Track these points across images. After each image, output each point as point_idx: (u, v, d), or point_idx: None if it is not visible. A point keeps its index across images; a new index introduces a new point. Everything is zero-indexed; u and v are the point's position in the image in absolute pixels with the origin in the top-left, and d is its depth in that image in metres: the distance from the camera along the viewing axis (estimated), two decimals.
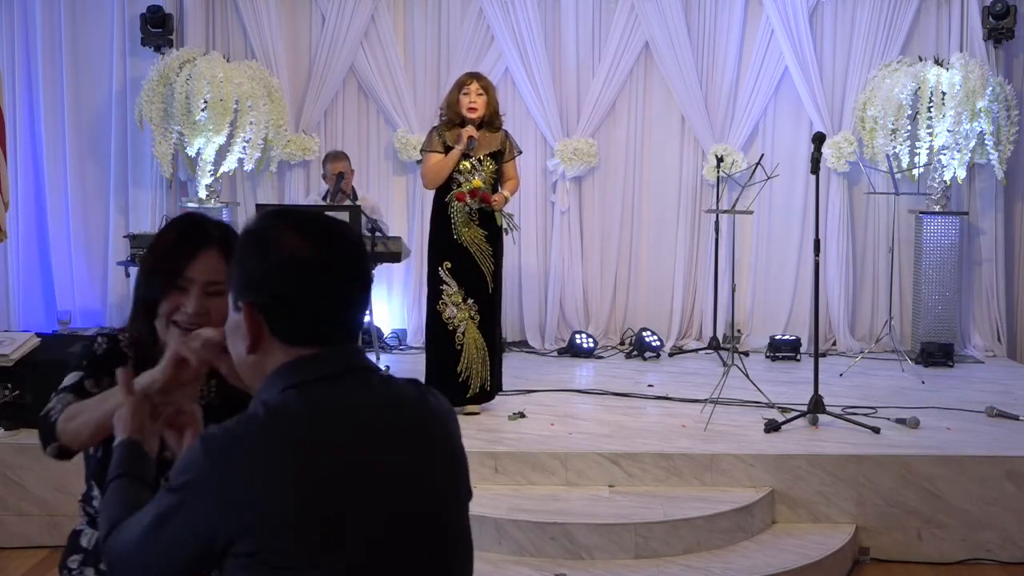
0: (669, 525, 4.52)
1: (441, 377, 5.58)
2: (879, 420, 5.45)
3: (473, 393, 5.61)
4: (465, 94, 5.61)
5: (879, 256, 7.81)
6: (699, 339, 7.84)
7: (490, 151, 5.66)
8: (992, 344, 7.70)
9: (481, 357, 5.61)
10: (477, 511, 4.53)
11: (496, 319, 5.77)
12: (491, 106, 5.66)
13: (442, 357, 5.62)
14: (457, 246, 5.60)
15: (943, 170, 7.36)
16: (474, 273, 5.60)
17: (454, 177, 5.59)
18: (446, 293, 5.60)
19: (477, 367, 5.61)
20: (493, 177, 5.67)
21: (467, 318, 5.59)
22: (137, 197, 7.76)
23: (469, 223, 5.59)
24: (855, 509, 4.84)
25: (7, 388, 5.19)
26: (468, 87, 5.62)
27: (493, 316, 5.70)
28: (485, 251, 5.63)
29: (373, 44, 7.80)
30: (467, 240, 5.59)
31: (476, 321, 5.60)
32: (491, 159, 5.66)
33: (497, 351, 5.77)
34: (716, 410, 5.53)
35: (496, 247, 5.68)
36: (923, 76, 7.21)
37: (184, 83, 7.08)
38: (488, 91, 5.67)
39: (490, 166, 5.65)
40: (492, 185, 5.66)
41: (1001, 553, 4.84)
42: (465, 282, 5.60)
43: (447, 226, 5.60)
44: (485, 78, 5.79)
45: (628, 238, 7.95)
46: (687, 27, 7.74)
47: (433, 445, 1.66)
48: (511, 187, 5.76)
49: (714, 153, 7.64)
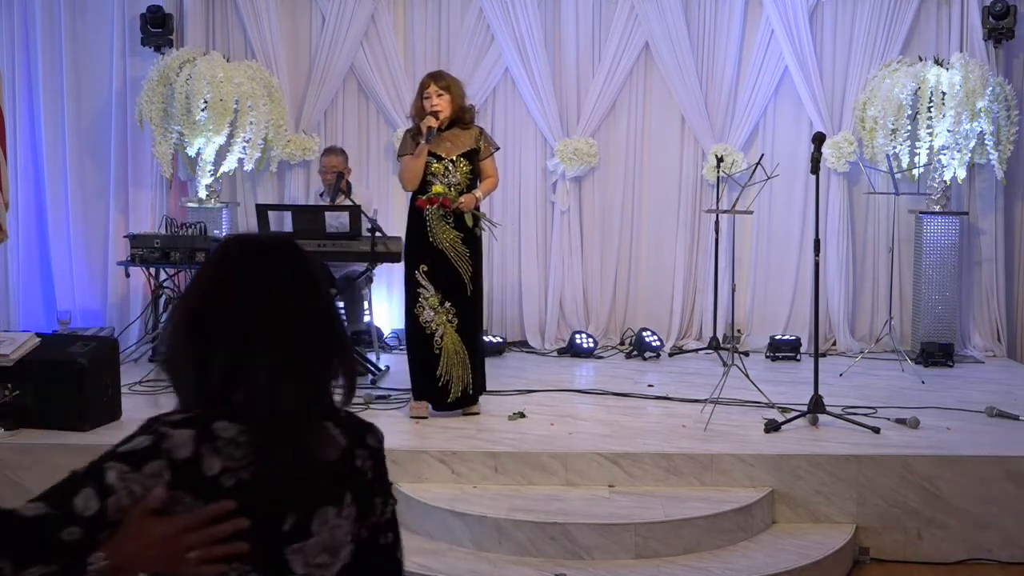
0: (669, 525, 4.52)
1: (423, 381, 5.57)
2: (879, 420, 5.45)
3: (455, 397, 5.56)
4: (426, 97, 5.46)
5: (879, 256, 7.81)
6: (699, 339, 7.84)
7: (463, 151, 5.52)
8: (992, 344, 7.70)
9: (461, 361, 5.54)
10: (477, 511, 4.55)
11: (477, 321, 5.67)
12: (455, 103, 5.49)
13: (421, 362, 5.55)
14: (433, 248, 5.49)
15: (943, 170, 7.36)
16: (451, 275, 5.50)
17: (428, 180, 5.47)
18: (423, 296, 5.51)
19: (457, 371, 5.54)
20: (469, 177, 5.52)
21: (444, 322, 5.50)
22: (137, 197, 7.77)
23: (444, 225, 5.48)
24: (855, 509, 4.84)
25: (7, 388, 5.18)
26: (427, 89, 5.47)
27: (473, 319, 5.61)
28: (462, 253, 5.52)
29: (373, 44, 7.80)
30: (442, 242, 5.49)
31: (454, 325, 5.52)
32: (465, 159, 5.51)
33: (479, 354, 5.67)
34: (716, 410, 5.53)
35: (473, 248, 5.56)
36: (923, 76, 7.21)
37: (184, 83, 7.09)
38: (449, 89, 5.48)
39: (464, 166, 5.50)
40: (468, 185, 5.52)
41: (1001, 553, 4.84)
42: (442, 285, 5.50)
43: (422, 228, 5.49)
44: (445, 77, 5.58)
45: (628, 238, 7.95)
46: (687, 27, 7.74)
47: None
48: (487, 186, 5.62)
49: (714, 153, 7.64)
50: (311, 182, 7.79)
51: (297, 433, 1.65)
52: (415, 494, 4.75)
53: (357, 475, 1.72)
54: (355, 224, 6.38)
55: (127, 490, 1.58)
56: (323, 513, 1.67)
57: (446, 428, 5.40)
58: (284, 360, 1.64)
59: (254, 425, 1.63)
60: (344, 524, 1.69)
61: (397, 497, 1.86)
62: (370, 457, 1.75)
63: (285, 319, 1.66)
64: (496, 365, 7.05)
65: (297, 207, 7.00)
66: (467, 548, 4.52)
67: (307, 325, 1.68)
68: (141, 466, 1.59)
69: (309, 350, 1.67)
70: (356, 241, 6.38)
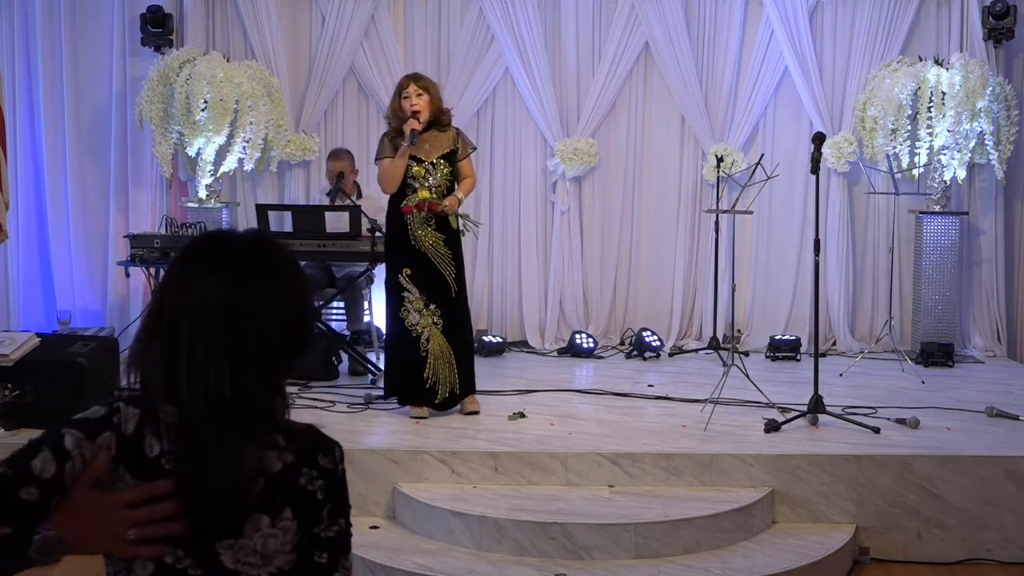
0: (669, 525, 4.52)
1: (402, 383, 5.56)
2: (879, 420, 5.45)
3: (442, 399, 5.55)
4: (405, 98, 5.45)
5: (879, 256, 7.81)
6: (699, 339, 7.84)
7: (442, 152, 5.52)
8: (992, 344, 7.70)
9: (448, 363, 5.53)
10: (477, 511, 4.55)
11: (464, 322, 5.64)
12: (435, 104, 5.49)
13: (406, 364, 5.53)
14: (415, 252, 5.48)
15: (943, 170, 7.36)
16: (435, 278, 5.49)
17: (408, 183, 5.47)
18: (408, 300, 5.49)
19: (444, 373, 5.53)
20: (448, 179, 5.54)
21: (430, 324, 5.49)
22: (137, 197, 7.77)
23: (425, 227, 5.47)
24: (855, 509, 4.84)
25: (7, 388, 5.18)
26: (407, 90, 5.46)
27: (459, 320, 5.60)
28: (444, 255, 5.52)
29: (373, 44, 7.81)
30: (425, 245, 5.48)
31: (440, 327, 5.51)
32: (444, 160, 5.51)
33: (467, 355, 5.64)
34: (716, 410, 5.53)
35: (455, 249, 5.56)
36: (923, 76, 7.21)
37: (184, 83, 7.09)
38: (428, 90, 5.49)
39: (444, 168, 5.51)
40: (448, 187, 5.53)
41: (1001, 553, 4.84)
42: (427, 288, 5.49)
43: (403, 232, 5.48)
44: (424, 78, 5.60)
45: (628, 238, 7.95)
46: (687, 27, 7.74)
47: None
48: (466, 186, 5.63)
49: (714, 153, 7.64)
50: (311, 182, 7.79)
51: (215, 437, 1.62)
52: (415, 494, 4.75)
53: (301, 492, 1.69)
54: (355, 224, 6.39)
55: (81, 457, 1.61)
56: (256, 520, 1.66)
57: (446, 428, 5.40)
58: (205, 361, 1.61)
59: (181, 421, 1.63)
60: (279, 535, 1.67)
61: (355, 523, 1.81)
62: (320, 477, 1.70)
63: (218, 321, 1.63)
64: (496, 365, 7.06)
65: (297, 207, 7.00)
66: (467, 548, 4.52)
67: (243, 328, 1.63)
68: (94, 435, 1.63)
69: (241, 354, 1.62)
70: (356, 241, 6.39)
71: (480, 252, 7.80)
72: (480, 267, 7.85)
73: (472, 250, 7.46)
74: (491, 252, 7.94)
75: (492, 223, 7.86)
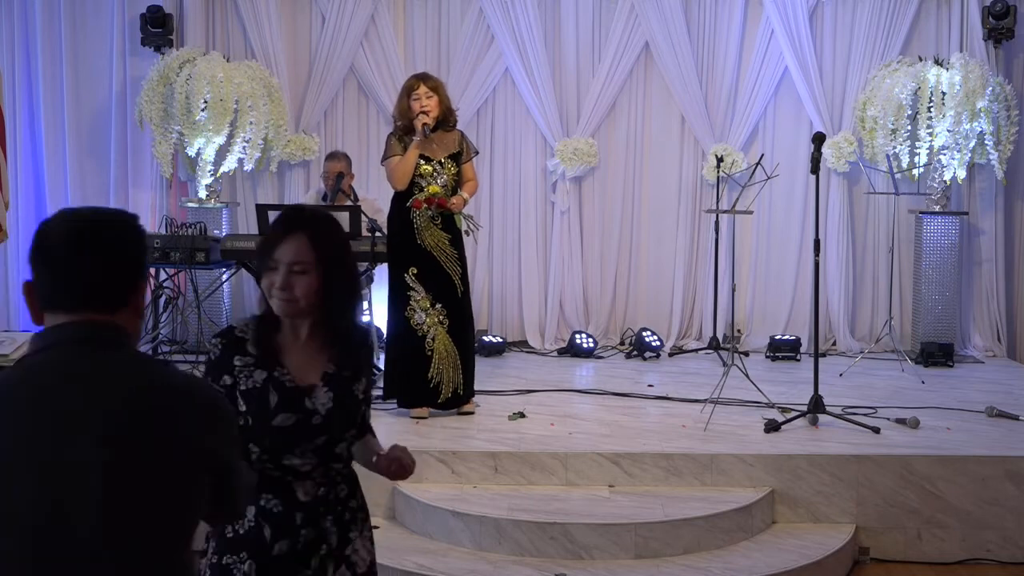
0: (669, 525, 4.52)
1: (403, 386, 5.55)
2: (879, 420, 5.45)
3: (445, 398, 5.55)
4: (415, 99, 5.46)
5: (879, 256, 7.81)
6: (699, 339, 7.85)
7: (449, 153, 5.55)
8: (992, 344, 7.70)
9: (452, 363, 5.53)
10: (477, 511, 4.55)
11: (468, 323, 5.66)
12: (443, 104, 5.52)
13: (410, 363, 5.52)
14: (421, 251, 5.49)
15: (943, 170, 7.36)
16: (441, 277, 5.50)
17: (416, 181, 5.48)
18: (414, 299, 5.50)
19: (449, 373, 5.53)
20: (454, 180, 5.56)
21: (436, 323, 5.50)
22: (137, 197, 7.77)
23: (431, 227, 5.49)
24: (855, 509, 4.84)
25: None
26: (417, 91, 5.47)
27: (464, 321, 5.60)
28: (450, 255, 5.53)
29: (373, 44, 7.81)
30: (430, 244, 5.49)
31: (445, 326, 5.51)
32: (451, 160, 5.55)
33: (470, 356, 5.66)
34: (716, 410, 5.53)
35: (460, 250, 5.58)
36: (923, 76, 7.21)
37: (184, 83, 7.09)
38: (438, 91, 5.51)
39: (451, 168, 5.54)
40: (453, 187, 5.56)
41: (1001, 553, 4.84)
42: (433, 287, 5.50)
43: (409, 231, 5.50)
44: (433, 78, 5.62)
45: (628, 238, 7.96)
46: (687, 27, 7.74)
47: (80, 428, 1.65)
48: (470, 188, 5.65)
49: (714, 153, 7.64)
50: (311, 182, 7.79)
51: None
52: (415, 494, 4.75)
53: None
54: (355, 224, 6.38)
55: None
56: None
57: (446, 428, 5.40)
58: None
59: None
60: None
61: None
62: None
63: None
64: (496, 365, 7.06)
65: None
66: (467, 548, 4.52)
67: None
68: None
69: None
70: (356, 241, 6.38)
71: (480, 252, 7.79)
72: (480, 267, 7.84)
73: (472, 250, 7.43)
74: (491, 252, 7.95)
75: (492, 223, 7.86)
